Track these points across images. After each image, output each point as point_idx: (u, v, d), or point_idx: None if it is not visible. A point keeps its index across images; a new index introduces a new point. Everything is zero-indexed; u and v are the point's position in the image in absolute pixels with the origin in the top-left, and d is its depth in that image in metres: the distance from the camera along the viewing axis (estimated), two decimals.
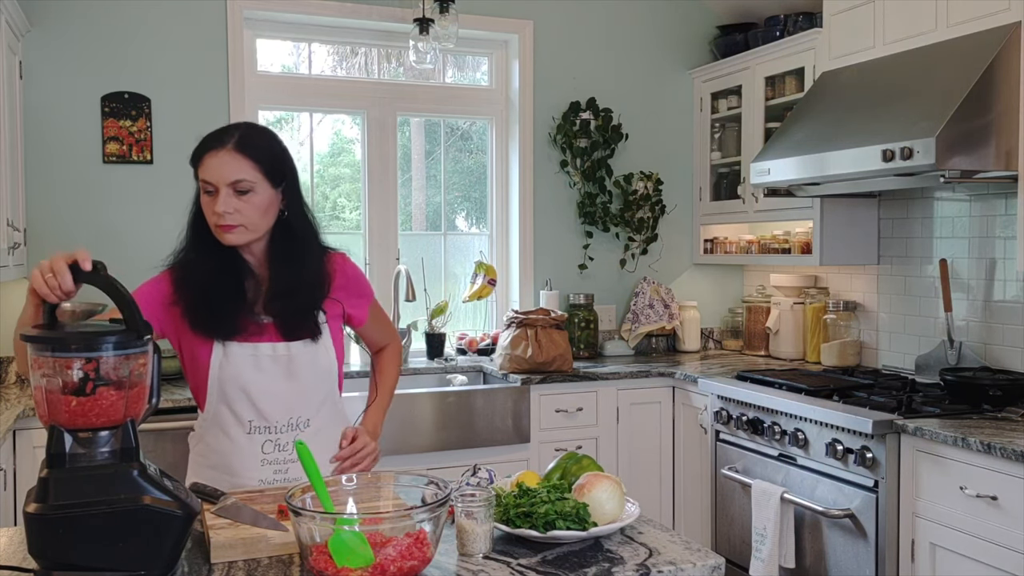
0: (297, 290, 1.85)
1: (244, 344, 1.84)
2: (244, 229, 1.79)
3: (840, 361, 3.77)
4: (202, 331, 1.83)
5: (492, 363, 3.87)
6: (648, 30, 4.41)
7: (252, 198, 1.78)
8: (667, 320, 4.29)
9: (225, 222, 1.77)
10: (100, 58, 3.57)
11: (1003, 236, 3.22)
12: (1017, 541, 2.37)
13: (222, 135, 1.81)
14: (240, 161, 1.77)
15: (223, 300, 1.82)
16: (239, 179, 1.77)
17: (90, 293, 1.41)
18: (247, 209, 1.78)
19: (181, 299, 1.84)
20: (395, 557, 1.31)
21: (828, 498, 2.91)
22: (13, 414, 2.83)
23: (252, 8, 3.76)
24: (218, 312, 1.82)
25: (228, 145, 1.78)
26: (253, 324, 1.84)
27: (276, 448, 1.88)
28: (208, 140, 1.81)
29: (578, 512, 1.53)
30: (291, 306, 1.85)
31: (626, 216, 4.32)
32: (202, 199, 1.81)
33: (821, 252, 3.66)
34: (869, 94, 3.20)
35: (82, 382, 1.30)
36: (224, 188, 1.76)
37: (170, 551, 1.32)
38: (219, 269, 1.83)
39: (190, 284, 1.83)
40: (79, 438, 1.30)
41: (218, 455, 1.89)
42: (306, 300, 1.87)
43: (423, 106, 4.16)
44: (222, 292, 1.83)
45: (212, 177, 1.77)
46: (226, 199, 1.76)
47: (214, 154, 1.78)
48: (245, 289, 1.85)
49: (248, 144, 1.79)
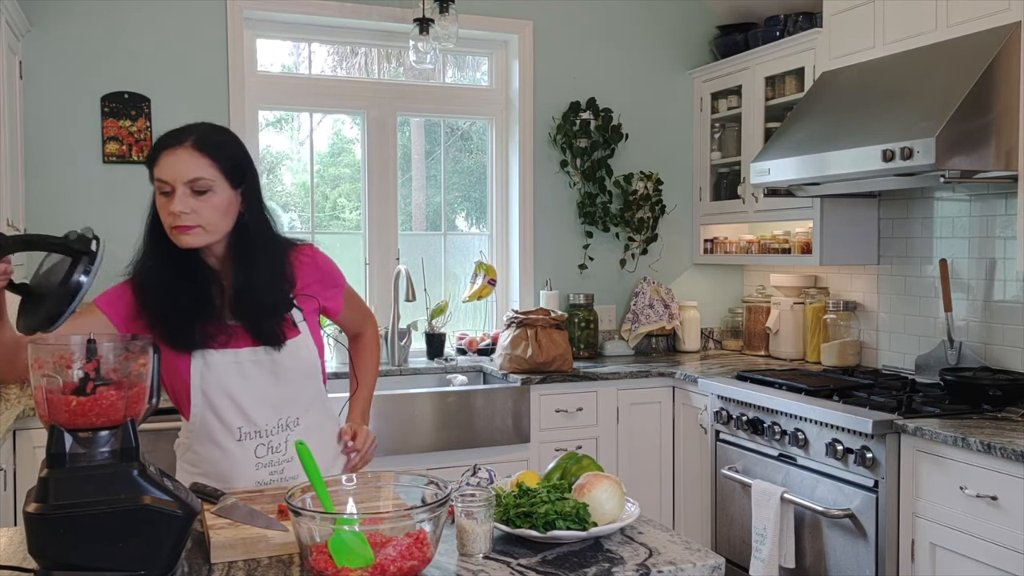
0: (258, 291, 1.78)
1: (224, 351, 1.79)
2: (202, 230, 1.71)
3: (840, 361, 3.77)
4: (169, 344, 1.74)
5: (492, 363, 3.87)
6: (648, 30, 4.41)
7: (211, 198, 1.71)
8: (667, 320, 4.29)
9: (181, 223, 1.69)
10: (100, 58, 3.57)
11: (1003, 236, 3.22)
12: (1017, 541, 2.37)
13: (180, 134, 1.74)
14: (198, 159, 1.70)
15: (185, 310, 1.75)
16: (197, 177, 1.69)
17: (91, 294, 1.42)
18: (205, 209, 1.70)
19: (144, 312, 1.77)
20: (395, 557, 1.31)
21: (828, 498, 2.91)
22: (13, 414, 2.83)
23: (252, 8, 3.76)
24: (182, 323, 1.75)
25: (186, 143, 1.71)
26: (221, 331, 1.78)
27: (269, 451, 1.85)
28: (165, 138, 1.74)
29: (578, 512, 1.53)
30: (255, 308, 1.79)
31: (626, 216, 4.32)
32: (157, 200, 1.73)
33: (821, 252, 3.66)
34: (869, 94, 3.20)
35: (82, 382, 1.30)
36: (181, 187, 1.69)
37: (170, 551, 1.32)
38: (179, 276, 1.76)
39: (151, 294, 1.77)
40: (79, 438, 1.30)
41: (210, 464, 1.85)
42: (269, 300, 1.80)
43: (423, 106, 4.16)
44: (184, 301, 1.76)
45: (168, 175, 1.69)
46: (183, 199, 1.68)
47: (171, 152, 1.71)
48: (211, 295, 1.79)
49: (207, 143, 1.73)
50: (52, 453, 1.29)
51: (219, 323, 1.79)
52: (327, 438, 1.94)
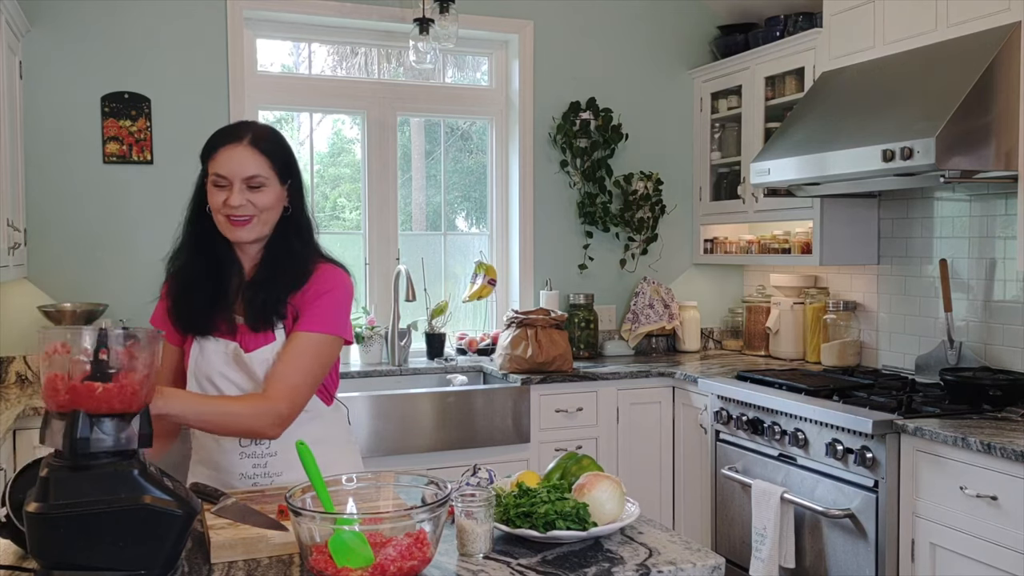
0: (272, 281, 1.84)
1: (219, 340, 1.86)
2: (256, 222, 1.82)
3: (840, 361, 3.77)
4: (178, 326, 1.87)
5: (492, 363, 3.87)
6: (648, 30, 4.41)
7: (265, 193, 1.82)
8: (667, 320, 4.29)
9: (239, 214, 1.80)
10: (100, 58, 3.57)
11: (1003, 236, 3.22)
12: (1017, 541, 2.37)
13: (237, 131, 1.84)
14: (256, 156, 1.80)
15: (204, 299, 1.85)
16: (254, 174, 1.80)
17: (92, 294, 1.42)
18: (259, 203, 1.81)
19: (171, 299, 1.89)
20: (395, 557, 1.31)
21: (828, 498, 2.91)
22: (13, 414, 2.83)
23: (252, 8, 3.76)
24: (195, 309, 1.85)
25: (244, 140, 1.81)
26: (226, 323, 1.86)
27: (253, 442, 1.88)
28: (223, 135, 1.84)
29: (578, 512, 1.53)
30: (260, 296, 1.84)
31: (626, 216, 4.32)
32: (211, 193, 1.82)
33: (821, 252, 3.66)
34: (869, 94, 3.20)
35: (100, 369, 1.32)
36: (238, 182, 1.79)
37: (170, 551, 1.32)
38: (209, 271, 1.86)
39: (180, 286, 1.88)
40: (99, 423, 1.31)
41: (205, 451, 1.93)
42: (275, 292, 1.83)
43: (423, 106, 4.16)
44: (204, 289, 1.85)
45: (227, 171, 1.79)
46: (240, 193, 1.79)
47: (230, 148, 1.80)
48: (228, 289, 1.88)
49: (262, 140, 1.83)
50: (76, 438, 1.28)
51: (227, 315, 1.87)
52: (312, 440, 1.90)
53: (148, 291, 3.55)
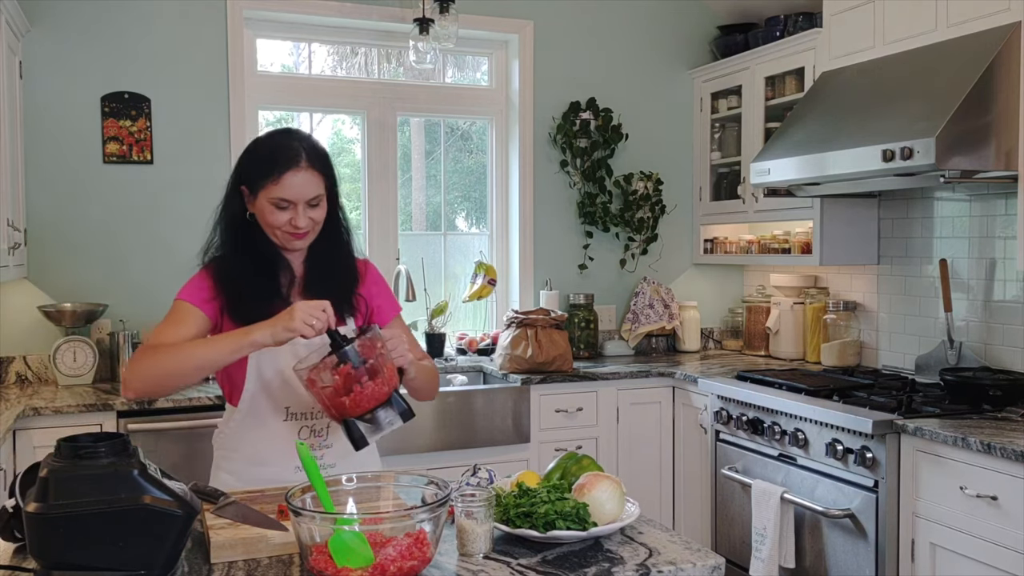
0: (333, 276, 1.94)
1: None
2: (312, 233, 1.90)
3: (840, 361, 3.77)
4: (244, 323, 1.85)
5: (492, 363, 3.87)
6: (648, 30, 4.41)
7: (321, 208, 1.88)
8: (667, 320, 4.29)
9: (301, 232, 1.86)
10: (100, 58, 3.57)
11: (1003, 236, 3.22)
12: (1017, 541, 2.37)
13: (292, 151, 1.84)
14: (316, 178, 1.85)
15: (262, 294, 1.88)
16: (317, 195, 1.86)
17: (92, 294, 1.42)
18: (317, 218, 1.88)
19: (222, 294, 1.88)
20: (395, 557, 1.31)
21: (828, 498, 2.91)
22: (13, 414, 2.83)
23: (252, 8, 3.76)
24: (258, 305, 1.86)
25: (303, 162, 1.84)
26: None
27: (312, 434, 1.92)
28: (282, 156, 1.84)
29: (578, 512, 1.53)
30: (328, 291, 1.90)
31: (626, 216, 4.32)
32: (269, 212, 1.84)
33: (821, 252, 3.66)
34: (869, 94, 3.20)
35: (352, 380, 1.64)
36: (302, 205, 1.84)
37: (170, 551, 1.32)
38: (257, 268, 1.89)
39: (230, 280, 1.88)
40: (364, 419, 1.68)
41: (251, 446, 1.91)
42: (341, 285, 1.94)
43: (423, 106, 4.16)
44: (261, 287, 1.88)
45: (293, 195, 1.83)
46: (303, 214, 1.84)
47: (295, 173, 1.83)
48: (281, 284, 1.91)
49: (317, 158, 1.87)
50: (354, 438, 1.67)
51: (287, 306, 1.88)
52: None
53: (148, 291, 3.60)
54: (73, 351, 3.39)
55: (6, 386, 3.42)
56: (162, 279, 3.62)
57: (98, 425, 3.01)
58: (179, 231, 3.61)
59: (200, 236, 1.99)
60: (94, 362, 3.42)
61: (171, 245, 3.61)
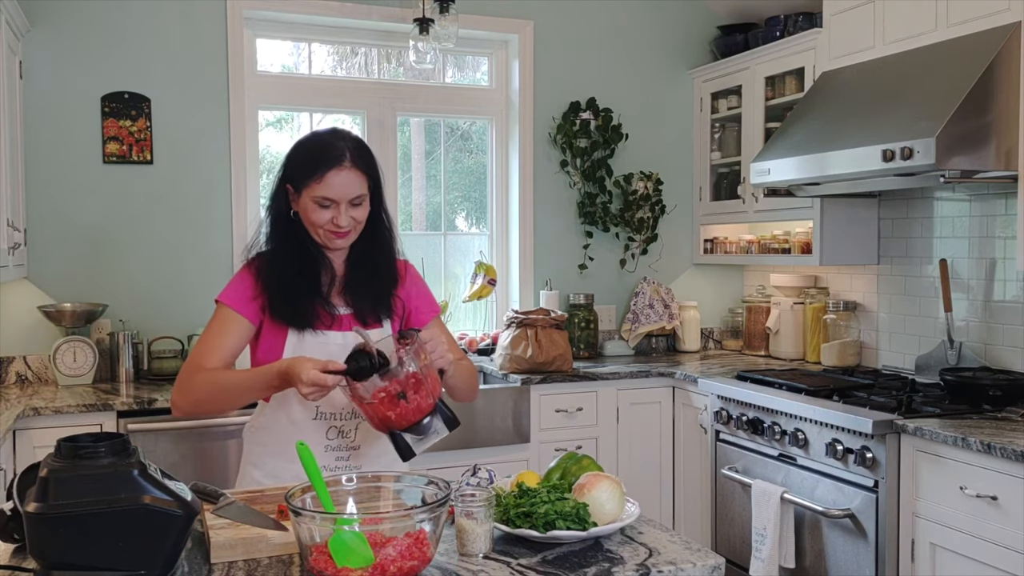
0: (374, 277, 1.95)
1: (316, 333, 1.90)
2: (354, 232, 1.90)
3: (840, 361, 3.77)
4: (282, 320, 1.89)
5: (492, 363, 3.87)
6: (648, 30, 4.41)
7: (364, 207, 1.89)
8: (667, 320, 4.29)
9: (344, 231, 1.87)
10: (100, 58, 3.57)
11: (1003, 236, 3.22)
12: (1017, 541, 2.37)
13: (336, 150, 1.85)
14: (359, 177, 1.86)
15: (303, 292, 1.89)
16: (360, 195, 1.86)
17: (92, 294, 1.42)
18: (359, 217, 1.89)
19: (265, 291, 1.90)
20: (395, 557, 1.31)
21: (828, 498, 2.91)
22: (13, 414, 2.83)
23: (252, 8, 3.76)
24: (298, 303, 1.89)
25: (346, 161, 1.84)
26: (327, 315, 1.92)
27: (339, 435, 1.93)
28: (326, 155, 1.85)
29: (578, 512, 1.53)
30: (368, 292, 1.93)
31: (626, 216, 4.32)
32: (312, 211, 1.85)
33: (821, 252, 3.66)
34: (869, 94, 3.20)
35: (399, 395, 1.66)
36: (345, 204, 1.84)
37: (170, 551, 1.32)
38: (299, 266, 1.90)
39: (273, 277, 1.90)
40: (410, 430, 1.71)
41: (282, 442, 1.92)
42: (381, 286, 1.96)
43: (423, 106, 4.16)
44: (302, 285, 1.89)
45: (336, 194, 1.83)
46: (346, 213, 1.85)
47: (338, 172, 1.83)
48: (321, 283, 1.92)
49: (360, 158, 1.87)
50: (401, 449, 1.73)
51: (328, 307, 1.92)
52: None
53: (148, 291, 3.60)
54: (73, 351, 3.39)
55: (6, 386, 3.42)
56: (162, 279, 3.62)
57: (98, 425, 3.01)
58: (179, 231, 3.61)
59: (200, 236, 2.00)
60: (94, 362, 3.42)
61: (171, 245, 3.61)
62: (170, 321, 3.59)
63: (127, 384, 3.44)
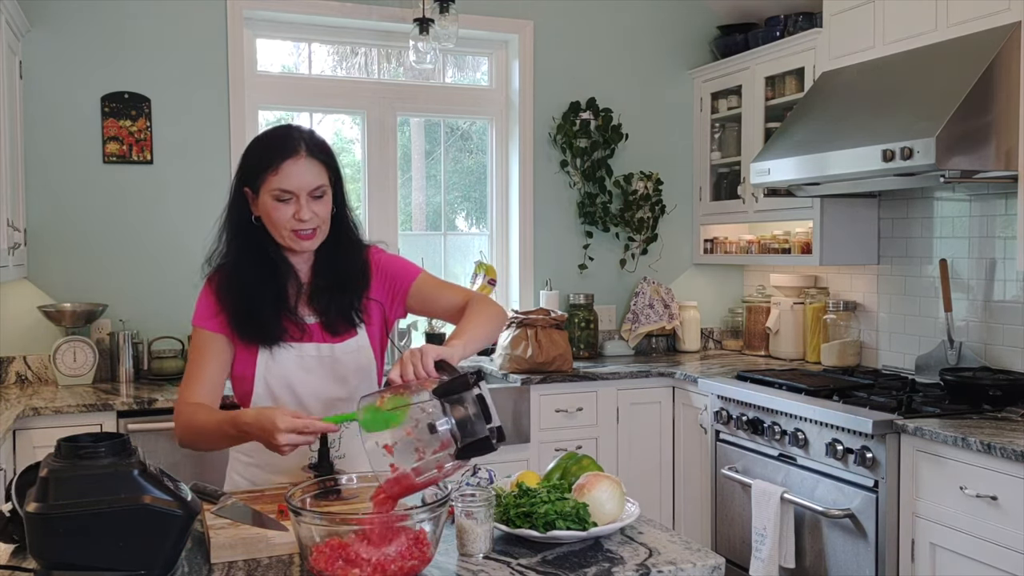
0: (342, 285, 1.86)
1: (290, 345, 1.83)
2: (320, 231, 1.81)
3: (840, 361, 3.77)
4: (248, 339, 1.82)
5: (492, 363, 3.87)
6: (648, 30, 4.41)
7: (325, 202, 1.80)
8: (667, 320, 4.29)
9: (306, 228, 1.77)
10: (100, 58, 3.57)
11: (1003, 236, 3.22)
12: (1017, 541, 2.37)
13: (291, 142, 1.77)
14: (317, 167, 1.78)
15: (267, 307, 1.81)
16: (319, 185, 1.77)
17: (92, 294, 1.42)
18: (322, 213, 1.79)
19: (226, 307, 1.82)
20: (395, 557, 1.31)
21: (828, 498, 2.91)
22: (13, 414, 2.83)
23: (252, 8, 3.76)
24: (262, 319, 1.81)
25: (302, 150, 1.76)
26: (295, 327, 1.84)
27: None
28: (280, 146, 1.77)
29: (578, 512, 1.53)
30: (335, 301, 1.85)
31: (626, 216, 4.32)
32: (273, 208, 1.76)
33: (821, 252, 3.66)
34: (869, 94, 3.20)
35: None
36: (304, 196, 1.75)
37: (170, 551, 1.32)
38: (260, 272, 1.81)
39: (234, 292, 1.82)
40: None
41: (265, 453, 1.85)
42: (349, 294, 1.87)
43: (423, 106, 4.16)
44: (265, 299, 1.81)
45: (293, 185, 1.75)
46: (307, 206, 1.76)
47: (293, 162, 1.75)
48: (288, 294, 1.84)
49: (317, 148, 1.79)
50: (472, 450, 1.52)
51: (295, 318, 1.85)
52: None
53: (148, 291, 3.60)
54: (73, 351, 3.39)
55: (6, 386, 3.42)
56: (162, 279, 3.62)
57: (98, 425, 3.01)
58: (179, 231, 3.61)
59: (200, 236, 1.97)
60: (94, 362, 3.42)
61: (171, 245, 3.61)
62: (170, 321, 3.59)
63: (127, 384, 3.44)
